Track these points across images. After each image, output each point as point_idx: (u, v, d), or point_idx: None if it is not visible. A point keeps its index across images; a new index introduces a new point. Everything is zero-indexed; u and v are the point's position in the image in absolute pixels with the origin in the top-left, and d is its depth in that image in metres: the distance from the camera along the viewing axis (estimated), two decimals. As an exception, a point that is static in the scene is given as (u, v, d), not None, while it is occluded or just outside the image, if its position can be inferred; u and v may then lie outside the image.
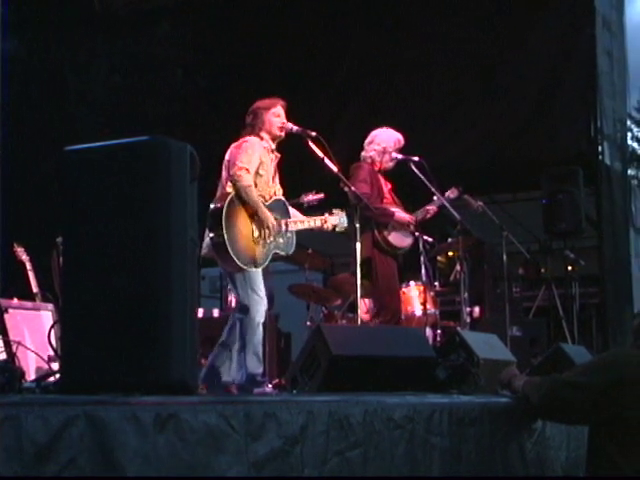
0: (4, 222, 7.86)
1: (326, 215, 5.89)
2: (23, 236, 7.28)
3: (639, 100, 36.21)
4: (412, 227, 6.87)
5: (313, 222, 5.84)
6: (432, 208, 7.00)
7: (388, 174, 6.99)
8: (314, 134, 5.71)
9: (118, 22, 10.47)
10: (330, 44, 10.00)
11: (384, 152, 6.86)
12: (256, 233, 5.38)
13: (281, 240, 5.55)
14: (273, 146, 5.68)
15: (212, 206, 5.32)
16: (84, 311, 3.17)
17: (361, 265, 5.88)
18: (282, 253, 5.59)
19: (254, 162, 5.42)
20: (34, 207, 8.78)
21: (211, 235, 5.26)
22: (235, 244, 5.23)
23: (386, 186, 6.90)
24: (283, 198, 5.70)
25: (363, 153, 6.94)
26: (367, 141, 6.97)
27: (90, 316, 3.14)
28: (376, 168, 6.85)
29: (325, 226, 5.86)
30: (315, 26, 9.99)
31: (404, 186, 7.14)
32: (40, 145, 8.81)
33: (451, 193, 7.15)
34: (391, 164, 6.91)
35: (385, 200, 6.80)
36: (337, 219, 5.89)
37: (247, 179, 5.34)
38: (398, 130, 7.01)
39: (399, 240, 6.79)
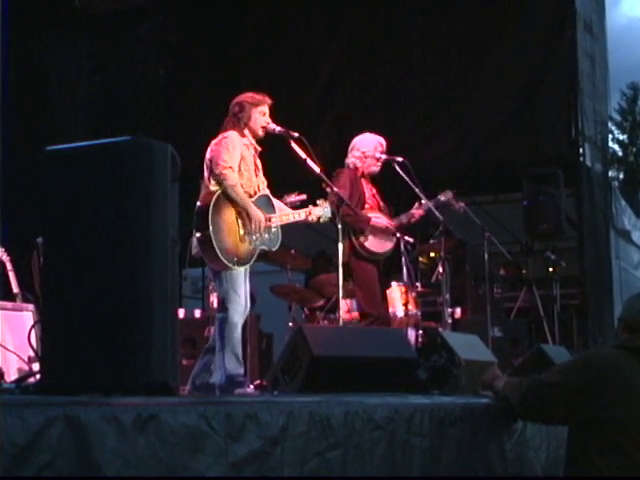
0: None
1: (310, 207, 5.89)
2: (3, 236, 7.24)
3: (620, 102, 36.53)
4: (392, 231, 6.81)
5: (298, 215, 5.83)
6: (418, 212, 6.92)
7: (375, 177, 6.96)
8: (296, 135, 5.70)
9: (100, 22, 10.44)
10: (312, 45, 10.02)
11: (365, 157, 6.84)
12: (242, 231, 5.37)
13: (267, 236, 5.53)
14: (253, 141, 5.67)
15: (198, 205, 5.31)
16: (64, 312, 3.15)
17: (342, 267, 5.87)
18: (267, 248, 5.58)
19: (236, 158, 5.42)
20: (14, 207, 8.73)
21: (197, 234, 5.24)
22: (221, 242, 5.21)
23: (370, 190, 6.86)
24: (268, 192, 5.69)
25: (346, 160, 6.91)
26: (349, 148, 6.94)
27: (70, 317, 3.13)
28: (359, 173, 6.82)
29: (310, 218, 5.85)
30: (297, 28, 10.01)
31: (388, 187, 7.13)
32: (21, 145, 8.75)
33: (443, 195, 7.05)
34: (376, 168, 6.86)
35: (367, 205, 6.76)
36: (321, 210, 5.88)
37: (233, 177, 5.33)
38: (380, 132, 7.01)
39: (377, 245, 6.71)
